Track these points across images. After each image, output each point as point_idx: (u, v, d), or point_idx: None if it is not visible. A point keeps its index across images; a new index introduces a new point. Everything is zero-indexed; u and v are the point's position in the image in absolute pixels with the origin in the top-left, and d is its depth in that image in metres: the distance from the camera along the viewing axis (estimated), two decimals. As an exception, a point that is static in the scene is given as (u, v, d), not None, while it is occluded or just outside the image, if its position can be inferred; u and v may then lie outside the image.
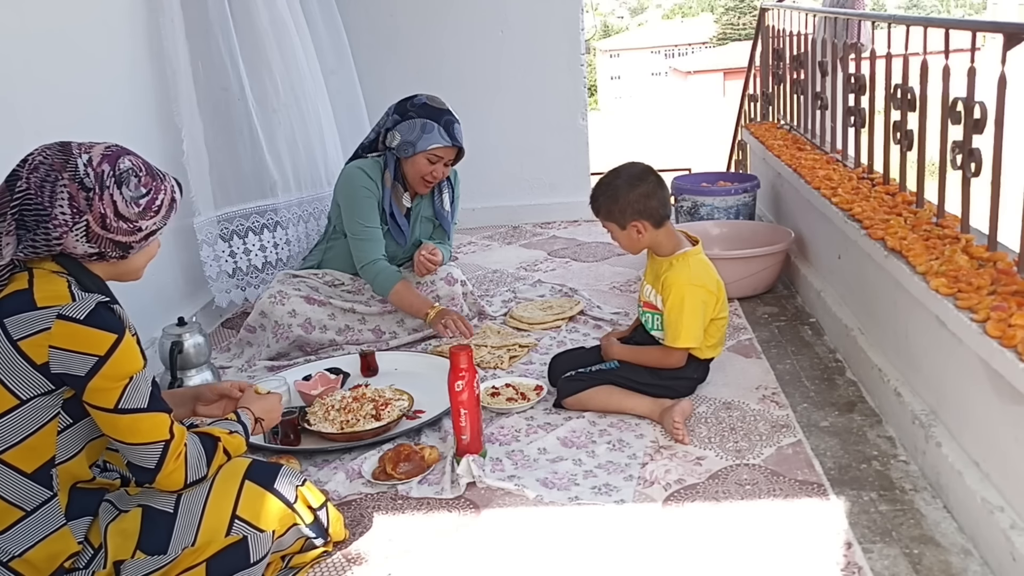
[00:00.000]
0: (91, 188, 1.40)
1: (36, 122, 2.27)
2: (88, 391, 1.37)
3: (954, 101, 1.99)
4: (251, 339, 2.86)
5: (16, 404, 1.36)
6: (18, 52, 2.26)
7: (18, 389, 1.36)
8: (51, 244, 1.39)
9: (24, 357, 1.34)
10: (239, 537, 1.50)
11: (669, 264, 2.23)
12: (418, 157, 2.76)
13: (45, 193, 1.38)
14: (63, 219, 1.38)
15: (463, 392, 1.97)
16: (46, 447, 1.40)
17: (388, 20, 4.24)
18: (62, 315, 1.35)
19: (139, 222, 1.45)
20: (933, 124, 2.17)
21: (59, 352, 1.34)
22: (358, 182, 2.82)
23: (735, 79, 24.76)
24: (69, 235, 1.39)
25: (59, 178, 1.38)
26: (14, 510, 1.39)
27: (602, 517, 1.80)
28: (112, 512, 1.49)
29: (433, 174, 2.80)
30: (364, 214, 2.82)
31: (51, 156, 1.40)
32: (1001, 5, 34.86)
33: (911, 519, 1.73)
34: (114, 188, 1.42)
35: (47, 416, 1.39)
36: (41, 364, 1.35)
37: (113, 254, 1.45)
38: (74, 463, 1.45)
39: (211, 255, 3.10)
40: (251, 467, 1.58)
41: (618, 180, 2.21)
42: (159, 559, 1.46)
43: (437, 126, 2.75)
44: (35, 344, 1.34)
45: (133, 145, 1.55)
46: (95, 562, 1.45)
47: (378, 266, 2.81)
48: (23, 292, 1.37)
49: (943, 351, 1.84)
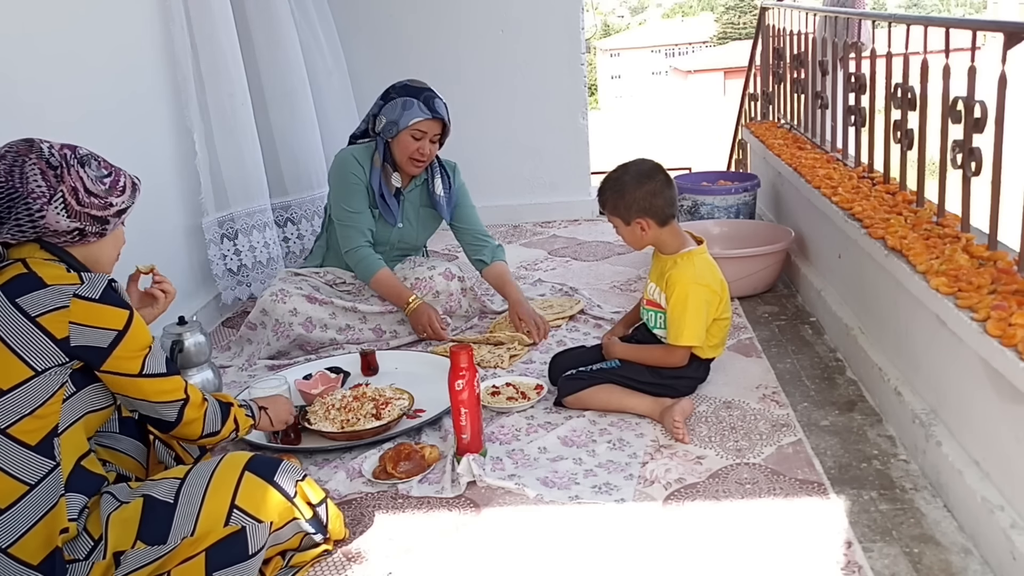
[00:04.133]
0: (57, 166, 1.48)
1: (44, 125, 2.28)
2: (112, 360, 1.49)
3: (954, 100, 1.99)
4: (251, 336, 2.86)
5: (31, 375, 1.43)
6: (25, 56, 2.27)
7: (34, 361, 1.43)
8: (34, 219, 1.46)
9: (44, 332, 1.43)
10: (237, 527, 1.51)
11: (674, 262, 2.23)
12: (402, 135, 2.77)
13: (15, 175, 1.45)
14: (40, 192, 1.46)
15: (463, 391, 1.97)
16: (51, 416, 1.46)
17: (388, 19, 4.24)
18: (78, 295, 1.45)
19: (108, 198, 1.54)
20: (933, 123, 2.17)
21: (80, 327, 1.45)
22: (347, 168, 2.85)
23: (735, 78, 24.76)
24: (49, 208, 1.46)
25: (26, 160, 1.47)
26: (19, 485, 1.42)
27: (602, 516, 1.80)
28: (114, 503, 1.50)
29: (420, 151, 2.79)
30: (349, 199, 2.84)
31: (15, 146, 1.49)
32: (1001, 4, 34.83)
33: (911, 518, 1.73)
34: (78, 167, 1.51)
35: (56, 384, 1.45)
36: (61, 338, 1.44)
37: (92, 229, 1.52)
38: (73, 432, 1.50)
39: (218, 254, 3.18)
40: (252, 460, 1.60)
41: (626, 176, 2.21)
42: (159, 549, 1.47)
43: (417, 102, 2.76)
44: (55, 320, 1.43)
45: (144, 148, 1.60)
46: (95, 553, 1.46)
47: (360, 253, 2.84)
48: (27, 275, 1.45)
49: (943, 350, 1.84)
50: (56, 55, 2.41)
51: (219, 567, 1.49)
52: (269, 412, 1.94)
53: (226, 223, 3.23)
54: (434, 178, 2.95)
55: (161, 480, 1.57)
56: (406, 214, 2.97)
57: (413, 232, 3.01)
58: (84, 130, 2.43)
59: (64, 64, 2.45)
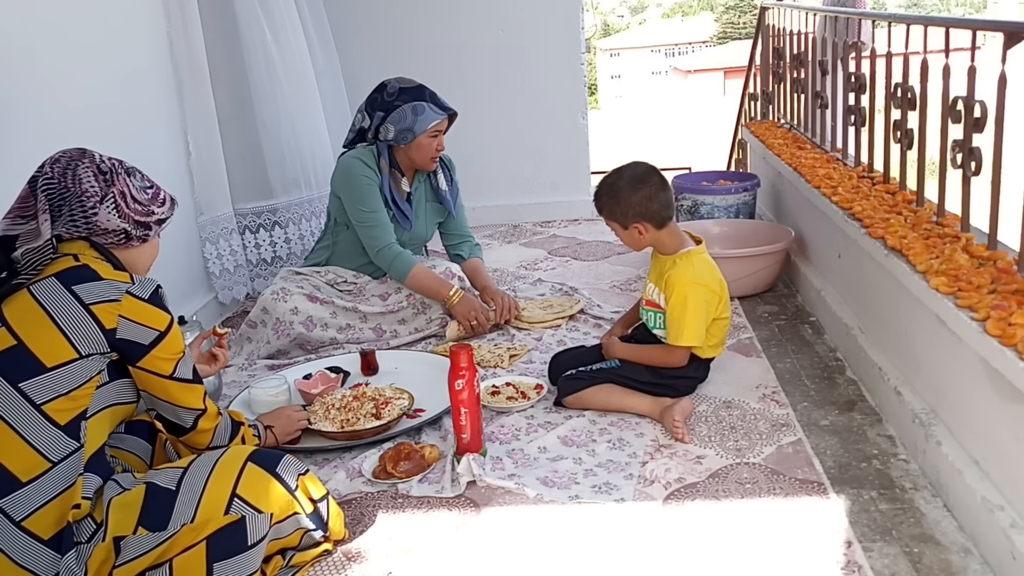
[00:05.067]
0: (107, 172, 1.59)
1: (43, 128, 2.28)
2: (148, 358, 1.56)
3: (954, 100, 1.99)
4: (251, 334, 2.86)
5: (75, 358, 1.48)
6: (24, 56, 2.27)
7: (80, 345, 1.48)
8: (88, 216, 1.55)
9: (95, 319, 1.49)
10: (237, 516, 1.51)
11: (672, 262, 2.23)
12: (421, 139, 2.79)
13: (69, 177, 1.55)
14: (93, 191, 1.55)
15: (463, 391, 1.97)
16: (83, 399, 1.50)
17: (388, 19, 4.24)
18: (131, 292, 1.53)
19: (151, 206, 1.63)
20: (933, 123, 2.17)
21: (128, 322, 1.52)
22: (357, 171, 2.83)
23: (735, 78, 24.76)
24: (102, 207, 1.56)
25: (80, 164, 1.57)
26: (42, 461, 1.45)
27: (602, 516, 1.80)
28: (117, 489, 1.52)
29: (437, 148, 2.84)
30: (367, 201, 2.82)
31: (68, 152, 1.59)
32: (1001, 4, 34.85)
33: (911, 518, 1.73)
34: (125, 176, 1.61)
35: (95, 370, 1.51)
36: (110, 329, 1.50)
37: (137, 233, 1.61)
38: (99, 419, 1.53)
39: (214, 253, 3.20)
40: (255, 452, 1.62)
41: (620, 181, 2.21)
42: (159, 535, 1.48)
43: (427, 105, 2.77)
44: (106, 310, 1.50)
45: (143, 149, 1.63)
46: (96, 536, 1.47)
47: (393, 250, 2.82)
48: (82, 267, 1.52)
49: (943, 350, 1.84)
50: (52, 58, 2.41)
51: (219, 558, 1.49)
52: (274, 430, 2.04)
53: (223, 221, 3.24)
54: (436, 173, 2.97)
55: (165, 469, 1.60)
56: (416, 214, 2.98)
57: (423, 230, 3.03)
58: (82, 130, 2.43)
59: (62, 67, 2.44)
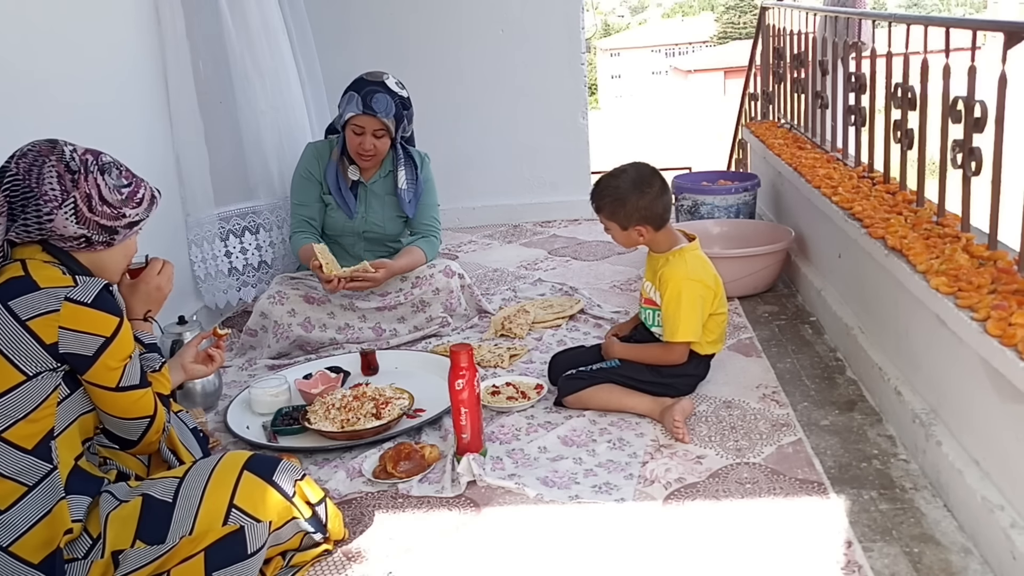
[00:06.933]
0: (76, 171, 1.49)
1: (39, 124, 2.27)
2: (93, 370, 1.47)
3: (954, 100, 1.99)
4: (253, 343, 2.86)
5: (22, 380, 1.42)
6: (21, 54, 2.26)
7: (25, 366, 1.42)
8: (42, 222, 1.47)
9: (33, 336, 1.42)
10: (236, 527, 1.51)
11: (666, 260, 2.24)
12: (346, 129, 2.82)
13: (33, 175, 1.46)
14: (52, 195, 1.46)
15: (463, 391, 1.97)
16: (47, 419, 1.46)
17: (388, 19, 4.24)
18: (70, 298, 1.44)
19: (122, 209, 1.54)
20: (933, 123, 2.17)
21: (68, 332, 1.43)
22: (301, 162, 2.98)
23: (736, 78, 24.77)
24: (59, 212, 1.47)
25: (46, 161, 1.48)
26: (17, 486, 1.43)
27: (602, 516, 1.80)
28: (113, 502, 1.50)
29: (362, 146, 2.80)
30: (296, 192, 2.98)
31: (38, 145, 1.50)
32: (1001, 4, 34.84)
33: (911, 518, 1.73)
34: (97, 174, 1.52)
35: (50, 388, 1.45)
36: (50, 344, 1.43)
37: (100, 238, 1.53)
38: (69, 434, 1.50)
39: (199, 256, 3.15)
40: (251, 459, 1.60)
41: (624, 183, 2.20)
42: (157, 548, 1.47)
43: (357, 96, 2.76)
44: (45, 324, 1.42)
45: (131, 148, 1.59)
46: (93, 551, 1.46)
47: (295, 239, 2.95)
48: (21, 278, 1.44)
49: (943, 350, 1.84)
50: (43, 57, 2.41)
51: (218, 567, 1.49)
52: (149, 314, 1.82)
53: (207, 224, 3.17)
54: (398, 170, 2.93)
55: (160, 479, 1.57)
56: (369, 204, 2.96)
57: (380, 222, 2.98)
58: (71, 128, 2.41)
59: (50, 66, 2.44)
